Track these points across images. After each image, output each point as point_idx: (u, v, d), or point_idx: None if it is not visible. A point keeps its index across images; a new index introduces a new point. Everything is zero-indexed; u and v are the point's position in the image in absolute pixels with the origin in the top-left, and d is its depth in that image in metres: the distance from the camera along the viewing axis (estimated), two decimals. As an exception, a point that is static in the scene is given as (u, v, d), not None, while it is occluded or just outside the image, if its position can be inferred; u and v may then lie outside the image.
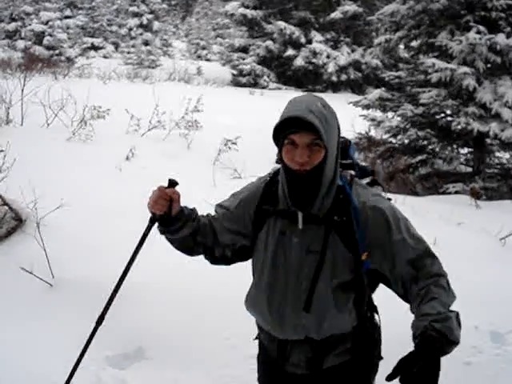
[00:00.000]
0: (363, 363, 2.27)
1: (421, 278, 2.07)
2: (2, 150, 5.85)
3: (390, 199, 2.29)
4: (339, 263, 2.09)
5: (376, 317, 2.33)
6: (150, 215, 2.25)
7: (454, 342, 1.93)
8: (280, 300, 2.15)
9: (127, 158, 7.88)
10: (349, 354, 2.21)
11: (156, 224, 2.25)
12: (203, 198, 4.65)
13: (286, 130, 2.04)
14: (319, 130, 1.97)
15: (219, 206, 2.39)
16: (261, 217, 2.22)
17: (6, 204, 5.10)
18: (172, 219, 2.20)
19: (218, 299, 4.23)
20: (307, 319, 2.11)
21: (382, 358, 2.35)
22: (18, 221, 5.11)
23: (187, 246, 2.33)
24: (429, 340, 1.88)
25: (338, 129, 2.12)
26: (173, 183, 2.22)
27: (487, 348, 4.02)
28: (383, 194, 2.31)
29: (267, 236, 2.19)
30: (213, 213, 2.40)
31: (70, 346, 3.73)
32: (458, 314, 2.02)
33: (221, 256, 2.35)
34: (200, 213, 2.37)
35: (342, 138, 2.30)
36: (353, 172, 2.21)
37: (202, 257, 2.54)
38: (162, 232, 2.27)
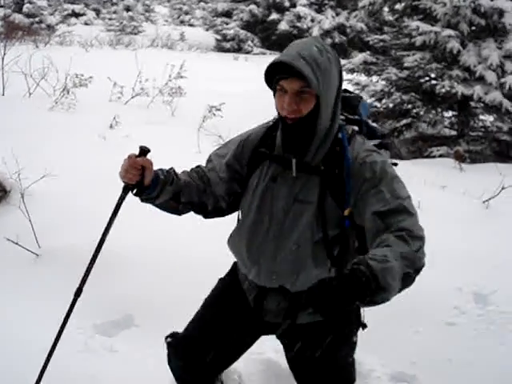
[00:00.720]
0: (337, 325, 2.25)
1: (387, 230, 1.91)
2: (-17, 121, 5.79)
3: (395, 164, 2.21)
4: (326, 217, 2.05)
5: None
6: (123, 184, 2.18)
7: (383, 289, 1.68)
8: (259, 244, 2.14)
9: (111, 126, 7.82)
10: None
11: (130, 193, 2.19)
12: (188, 165, 4.64)
13: (277, 75, 1.99)
14: (307, 78, 1.90)
15: (216, 154, 2.34)
16: (256, 159, 2.19)
17: (-11, 175, 5.06)
18: (147, 187, 2.12)
19: (208, 262, 4.25)
20: (282, 267, 2.10)
21: (365, 325, 2.34)
22: (3, 191, 5.08)
23: (173, 208, 2.27)
24: (355, 271, 1.65)
25: (339, 75, 2.05)
26: (144, 151, 2.13)
27: (470, 309, 4.09)
28: (388, 158, 2.22)
29: (259, 179, 2.16)
30: (204, 164, 2.35)
31: (58, 314, 3.74)
32: (410, 276, 1.82)
33: (214, 208, 2.30)
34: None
35: (353, 93, 2.28)
36: (356, 128, 2.16)
37: (187, 221, 2.53)
38: (142, 200, 2.21)
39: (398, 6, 10.40)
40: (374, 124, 2.29)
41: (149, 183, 2.11)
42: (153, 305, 3.96)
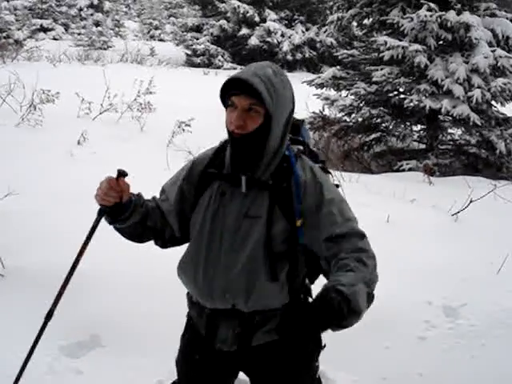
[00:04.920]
0: (293, 345, 2.20)
1: (343, 252, 1.99)
2: None
3: (337, 185, 2.29)
4: (275, 231, 2.07)
5: (310, 301, 2.27)
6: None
7: (356, 313, 1.77)
8: (213, 262, 2.13)
9: (79, 143, 7.73)
10: (276, 334, 2.17)
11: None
12: (157, 181, 4.58)
13: (230, 91, 2.05)
14: (261, 94, 1.97)
15: (168, 184, 2.36)
16: (205, 180, 2.21)
17: (-48, 193, 4.95)
18: (121, 209, 2.15)
19: (174, 283, 4.20)
20: (235, 285, 2.09)
21: (323, 345, 2.32)
22: (-34, 210, 4.97)
23: (137, 233, 2.29)
24: (327, 300, 1.73)
25: (292, 99, 2.12)
26: (122, 174, 2.14)
27: (440, 322, 4.10)
28: (330, 179, 2.29)
29: (209, 199, 2.17)
30: (158, 195, 2.37)
31: (24, 337, 3.63)
32: (372, 295, 1.91)
33: (170, 237, 2.32)
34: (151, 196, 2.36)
35: (299, 119, 2.32)
36: (301, 147, 2.22)
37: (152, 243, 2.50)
38: (110, 222, 2.21)
39: (366, 21, 10.51)
40: (315, 149, 2.38)
41: (124, 204, 2.16)
42: (119, 325, 3.88)
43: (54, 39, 34.33)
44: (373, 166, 9.77)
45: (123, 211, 2.16)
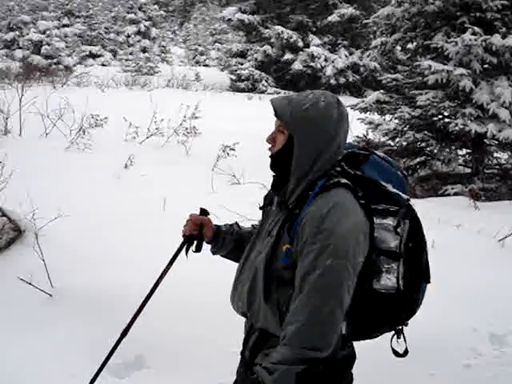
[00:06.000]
0: None
1: (293, 307, 1.96)
2: None
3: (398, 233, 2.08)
4: (279, 253, 2.07)
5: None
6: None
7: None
8: (242, 272, 2.28)
9: (126, 166, 7.90)
10: None
11: (192, 252, 2.48)
12: (202, 204, 4.66)
13: None
14: (279, 116, 2.09)
15: None
16: (271, 199, 2.34)
17: (4, 215, 5.10)
18: (209, 242, 2.44)
19: (221, 308, 4.23)
20: (245, 296, 2.19)
21: None
22: (17, 231, 5.11)
23: (237, 257, 2.45)
24: None
25: (329, 128, 2.04)
26: (204, 211, 2.48)
27: (486, 350, 4.03)
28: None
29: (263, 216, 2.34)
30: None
31: (72, 357, 3.74)
32: (299, 374, 1.89)
33: None
34: None
35: (366, 151, 2.21)
36: (343, 180, 2.04)
37: (198, 264, 2.59)
38: (213, 253, 2.51)
39: (410, 46, 10.49)
40: (395, 190, 2.12)
41: (210, 238, 2.44)
42: (165, 346, 3.93)
43: (103, 65, 35.20)
44: (417, 190, 9.67)
45: (213, 243, 2.45)
